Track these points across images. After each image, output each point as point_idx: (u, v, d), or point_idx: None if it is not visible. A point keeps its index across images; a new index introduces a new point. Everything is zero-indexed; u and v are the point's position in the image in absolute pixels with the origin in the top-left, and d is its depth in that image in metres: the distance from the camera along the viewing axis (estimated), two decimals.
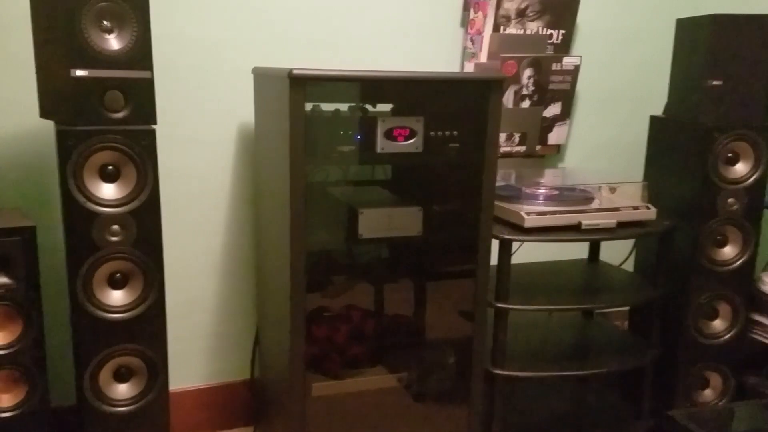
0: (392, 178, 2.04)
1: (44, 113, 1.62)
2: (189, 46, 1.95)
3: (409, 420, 1.94)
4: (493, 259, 1.82)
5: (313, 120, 1.68)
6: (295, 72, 1.53)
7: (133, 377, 1.63)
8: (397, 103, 1.86)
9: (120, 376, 1.62)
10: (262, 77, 1.84)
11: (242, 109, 2.04)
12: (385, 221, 1.74)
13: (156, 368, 1.63)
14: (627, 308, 2.42)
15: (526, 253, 2.16)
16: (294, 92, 1.55)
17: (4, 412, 1.53)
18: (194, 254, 2.08)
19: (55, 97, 1.54)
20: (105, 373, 1.60)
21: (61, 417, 1.70)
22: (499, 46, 2.25)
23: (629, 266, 2.33)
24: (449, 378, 1.99)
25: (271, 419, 1.99)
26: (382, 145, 1.69)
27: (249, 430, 2.17)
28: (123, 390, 1.62)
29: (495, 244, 1.81)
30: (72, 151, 1.47)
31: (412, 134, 1.71)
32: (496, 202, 1.91)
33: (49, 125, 1.67)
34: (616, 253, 2.34)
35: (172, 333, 2.06)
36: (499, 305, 1.85)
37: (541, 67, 2.29)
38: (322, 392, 1.85)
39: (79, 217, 1.50)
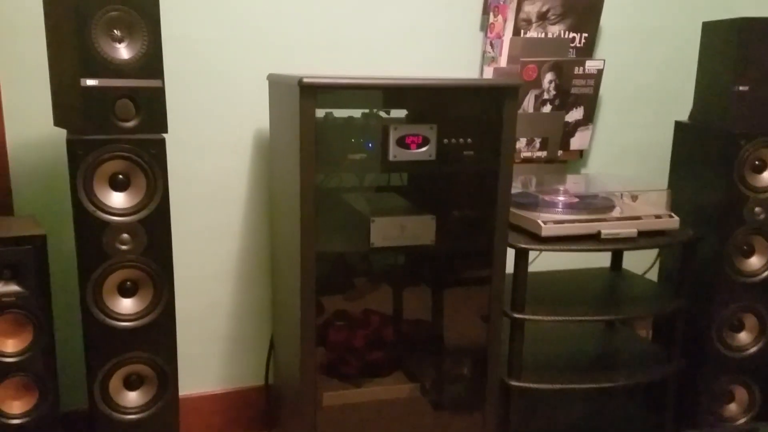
0: (405, 186, 2.02)
1: (57, 122, 1.63)
2: (207, 51, 1.95)
3: (423, 429, 1.91)
4: (511, 268, 1.78)
5: (325, 127, 1.66)
6: (305, 80, 1.52)
7: (143, 385, 1.63)
8: (412, 110, 1.83)
9: (130, 384, 1.62)
10: (276, 84, 1.83)
11: (258, 115, 2.03)
12: (398, 230, 1.71)
13: (166, 376, 1.63)
14: (650, 318, 2.36)
15: (546, 261, 2.12)
16: (304, 100, 1.54)
17: (15, 418, 1.54)
18: (210, 259, 2.08)
19: (67, 106, 1.55)
20: (115, 381, 1.60)
21: (71, 422, 1.71)
22: (520, 50, 2.21)
23: (654, 275, 2.27)
24: (464, 388, 1.96)
25: (284, 426, 1.98)
26: (394, 152, 1.67)
27: None
28: (133, 398, 1.63)
29: (511, 253, 1.78)
30: (82, 160, 1.48)
31: (425, 142, 1.68)
32: (513, 210, 1.87)
33: (64, 133, 1.68)
34: (640, 261, 2.28)
35: (188, 337, 2.08)
36: (515, 315, 1.81)
37: (562, 71, 2.25)
38: (333, 401, 1.83)
39: (90, 225, 1.51)
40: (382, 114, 1.81)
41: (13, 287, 1.50)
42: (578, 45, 2.29)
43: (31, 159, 1.87)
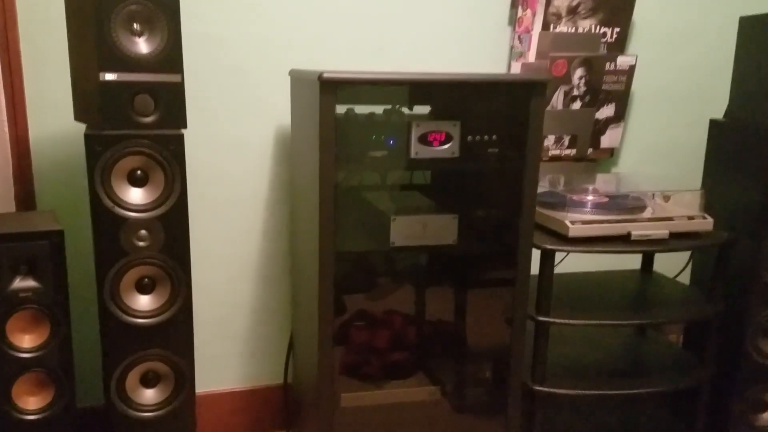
0: (428, 185, 1.98)
1: (77, 116, 1.62)
2: (229, 47, 1.93)
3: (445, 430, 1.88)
4: (536, 269, 1.74)
5: (346, 123, 1.63)
6: (325, 75, 1.49)
7: (160, 383, 1.62)
8: (435, 106, 1.79)
9: (147, 382, 1.61)
10: (298, 80, 1.81)
11: (281, 112, 2.01)
12: (419, 229, 1.68)
13: (183, 374, 1.62)
14: (681, 323, 2.28)
15: (574, 262, 2.06)
16: (324, 95, 1.50)
17: (31, 414, 1.54)
18: (231, 258, 2.06)
19: (86, 100, 1.54)
20: (132, 378, 1.59)
21: (88, 418, 1.70)
22: (549, 45, 2.16)
23: (686, 278, 2.20)
24: (486, 392, 1.92)
25: (302, 426, 1.96)
26: (416, 149, 1.63)
27: None
28: (150, 395, 1.62)
29: (537, 254, 1.73)
30: (100, 156, 1.47)
31: (448, 139, 1.64)
32: (540, 210, 1.83)
33: (84, 129, 1.68)
34: (672, 263, 2.21)
35: (208, 336, 2.07)
36: (540, 318, 1.76)
37: (593, 66, 2.19)
38: (352, 402, 1.80)
39: (107, 221, 1.50)
40: (405, 110, 1.77)
41: (30, 282, 1.50)
42: (609, 40, 2.22)
43: (54, 154, 1.87)
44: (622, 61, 2.21)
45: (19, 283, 1.49)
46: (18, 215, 1.72)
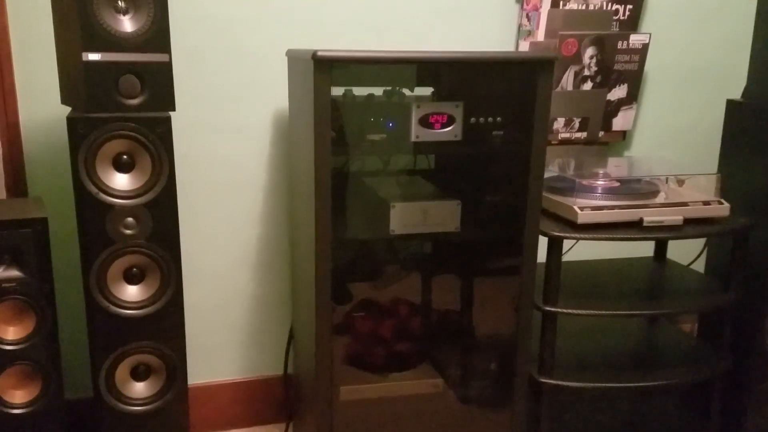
0: (431, 170, 1.90)
1: (64, 100, 1.56)
2: (224, 27, 1.86)
3: (448, 426, 1.82)
4: (543, 257, 1.66)
5: (342, 105, 1.56)
6: (319, 53, 1.41)
7: (152, 376, 1.57)
8: (438, 88, 1.72)
9: (138, 374, 1.55)
10: (294, 60, 1.73)
11: (278, 95, 1.94)
12: (420, 216, 1.60)
13: (174, 367, 1.56)
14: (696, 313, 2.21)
15: (583, 250, 1.99)
16: (318, 75, 1.43)
17: (18, 408, 1.49)
18: (229, 247, 2.00)
19: (71, 83, 1.47)
20: (122, 371, 1.54)
21: (78, 410, 1.65)
22: (559, 23, 2.08)
23: (700, 266, 2.12)
24: (491, 384, 1.85)
25: (303, 417, 1.90)
26: (416, 132, 1.55)
27: (284, 427, 2.09)
28: (140, 389, 1.56)
29: (544, 242, 1.65)
30: (83, 140, 1.40)
31: (450, 121, 1.56)
32: (548, 195, 1.76)
33: None
34: (686, 251, 2.13)
35: (206, 326, 2.02)
36: (547, 308, 1.69)
37: (604, 45, 2.10)
38: (353, 395, 1.75)
39: (92, 208, 1.44)
40: (406, 92, 1.70)
41: (14, 272, 1.44)
42: (622, 18, 2.14)
43: (45, 140, 1.81)
44: (635, 39, 2.13)
45: (1, 272, 1.44)
46: (5, 202, 1.66)
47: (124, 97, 1.43)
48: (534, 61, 1.55)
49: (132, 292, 1.51)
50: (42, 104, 1.79)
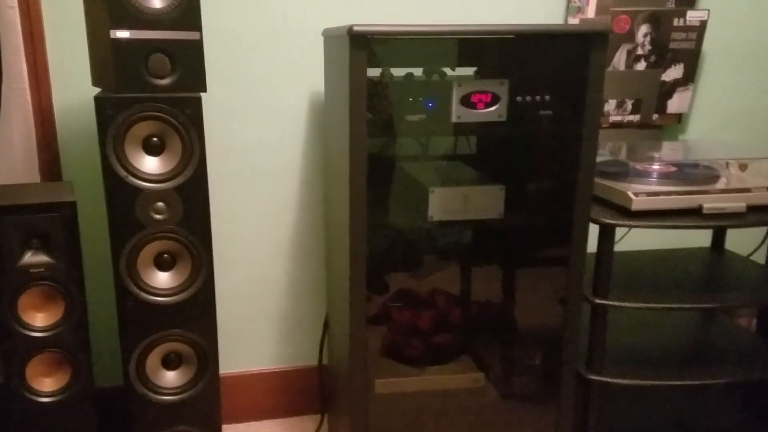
0: (474, 154, 1.82)
1: (95, 81, 1.52)
2: (256, 5, 1.80)
3: (488, 421, 1.74)
4: (594, 246, 1.57)
5: (379, 84, 1.48)
6: (355, 28, 1.33)
7: (183, 364, 1.53)
8: (481, 65, 1.62)
9: (169, 363, 1.51)
10: (330, 39, 1.66)
11: (316, 75, 1.87)
12: (460, 201, 1.52)
13: (206, 356, 1.52)
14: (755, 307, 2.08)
15: (636, 239, 1.89)
16: (354, 52, 1.35)
17: (47, 396, 1.46)
18: (264, 234, 1.96)
19: (100, 63, 1.43)
20: (152, 360, 1.50)
21: (108, 398, 1.62)
22: None
23: (761, 257, 1.99)
24: (536, 379, 1.77)
25: (339, 410, 1.85)
26: (458, 113, 1.47)
27: (318, 419, 2.04)
28: (171, 378, 1.53)
29: (594, 230, 1.56)
30: (112, 121, 1.36)
31: (495, 100, 1.47)
32: (599, 180, 1.66)
33: None
34: (746, 240, 2.01)
35: (241, 313, 1.99)
36: (597, 301, 1.60)
37: (659, 22, 1.99)
38: (388, 389, 1.69)
39: (121, 192, 1.39)
40: (448, 71, 1.61)
41: (42, 257, 1.41)
42: None
43: (77, 123, 1.78)
44: (693, 15, 2.02)
45: (30, 258, 1.41)
46: (35, 186, 1.64)
47: (154, 76, 1.38)
48: (586, 35, 1.44)
49: (163, 279, 1.46)
50: (75, 87, 1.76)
